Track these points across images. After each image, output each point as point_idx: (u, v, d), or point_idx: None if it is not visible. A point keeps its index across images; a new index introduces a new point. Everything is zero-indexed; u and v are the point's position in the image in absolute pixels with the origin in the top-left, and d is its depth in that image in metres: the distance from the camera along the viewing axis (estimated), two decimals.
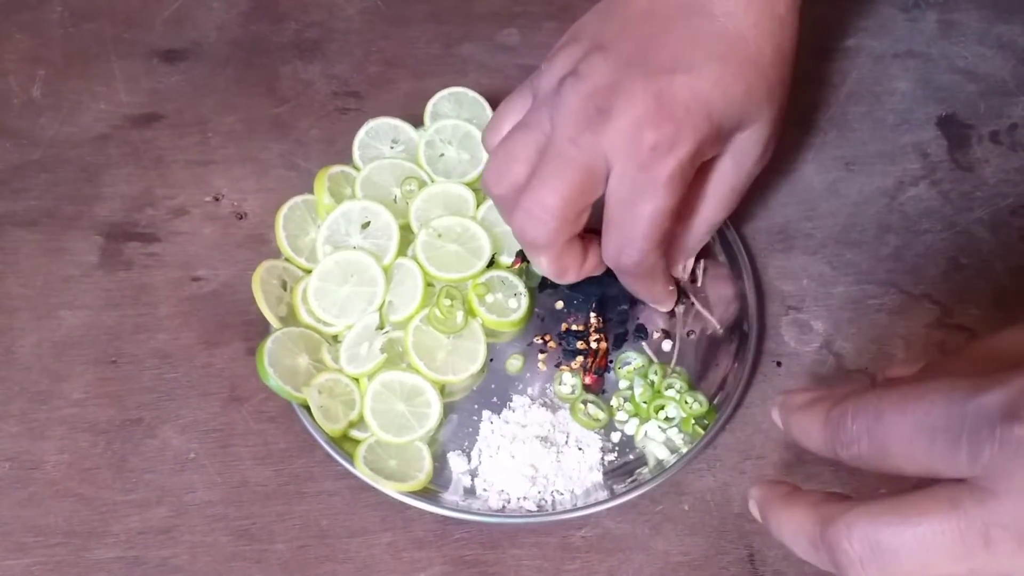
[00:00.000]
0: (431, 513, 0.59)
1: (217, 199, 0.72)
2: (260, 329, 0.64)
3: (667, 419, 0.62)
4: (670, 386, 0.63)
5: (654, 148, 0.54)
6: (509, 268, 0.67)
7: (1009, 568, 0.36)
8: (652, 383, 0.63)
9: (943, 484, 0.37)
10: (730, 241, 0.68)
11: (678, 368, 0.64)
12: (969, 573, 0.37)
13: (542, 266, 0.60)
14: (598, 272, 0.62)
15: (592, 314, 0.66)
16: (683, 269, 0.66)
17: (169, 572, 0.59)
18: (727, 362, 0.65)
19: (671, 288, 0.64)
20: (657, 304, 0.65)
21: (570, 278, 0.61)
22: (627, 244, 0.57)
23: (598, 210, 0.58)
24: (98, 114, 0.76)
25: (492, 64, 0.79)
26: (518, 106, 0.60)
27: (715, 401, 0.63)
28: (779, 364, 0.65)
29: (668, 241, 0.58)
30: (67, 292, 0.68)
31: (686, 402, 0.62)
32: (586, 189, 0.56)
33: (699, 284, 0.67)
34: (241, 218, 0.71)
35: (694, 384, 0.64)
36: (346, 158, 0.70)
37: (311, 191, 0.68)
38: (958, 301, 0.67)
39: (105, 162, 0.74)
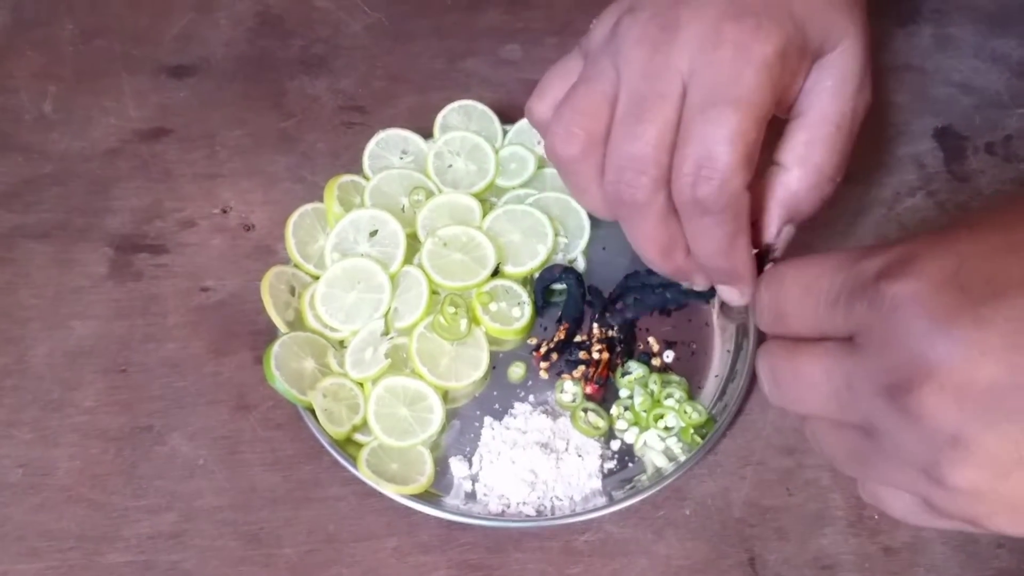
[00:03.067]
0: (436, 518, 0.60)
1: (225, 211, 0.73)
2: (267, 338, 0.65)
3: (666, 428, 0.63)
4: (669, 396, 0.64)
5: (736, 43, 0.47)
6: (511, 277, 0.68)
7: (867, 414, 0.38)
8: (652, 392, 0.64)
9: (832, 339, 0.40)
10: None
11: (677, 378, 0.65)
12: (838, 413, 0.40)
13: (647, 235, 0.52)
14: (705, 282, 0.56)
15: (595, 325, 0.67)
16: (779, 235, 0.55)
17: None
18: (728, 369, 0.66)
19: (752, 260, 0.53)
20: (732, 282, 0.54)
21: (677, 258, 0.53)
22: (707, 161, 0.47)
23: None
24: (108, 129, 0.78)
25: (495, 79, 0.80)
26: (567, 68, 0.54)
27: (715, 408, 0.64)
28: None
29: (752, 164, 0.48)
30: (78, 302, 0.69)
31: (685, 412, 0.63)
32: (672, 121, 0.48)
33: (716, 319, 0.66)
34: (248, 230, 0.72)
35: (693, 393, 0.65)
36: (351, 171, 0.71)
37: (318, 203, 0.69)
38: None
39: (115, 175, 0.75)
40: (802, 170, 0.53)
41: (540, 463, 0.62)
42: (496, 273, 0.68)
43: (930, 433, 0.36)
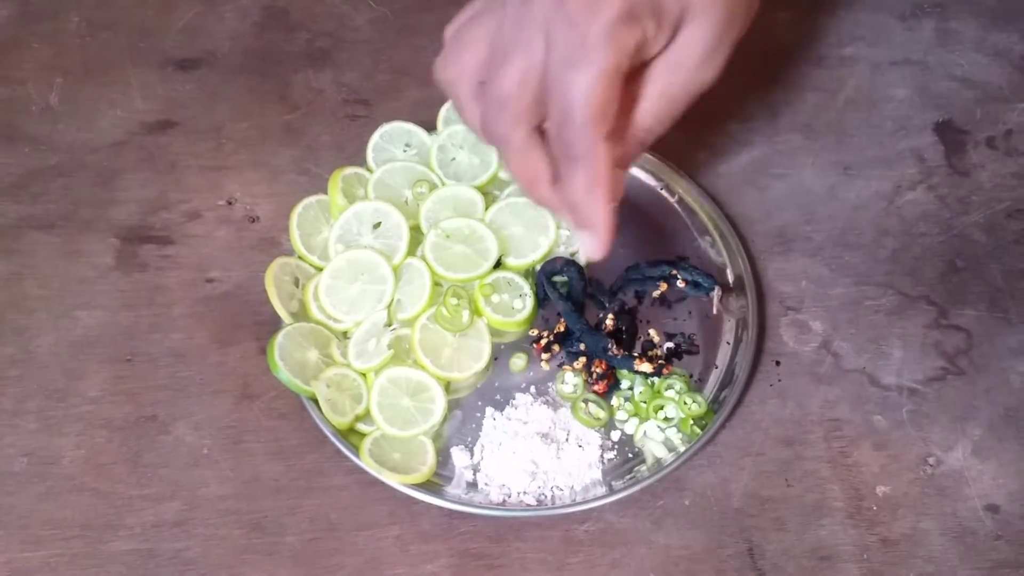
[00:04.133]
0: (438, 507, 0.61)
1: (230, 203, 0.74)
2: (271, 329, 0.65)
3: (666, 419, 0.64)
4: (670, 387, 0.64)
5: (582, 4, 0.50)
6: (513, 268, 0.68)
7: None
8: (652, 384, 0.65)
9: None
10: (730, 243, 0.69)
11: (678, 370, 0.66)
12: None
13: (513, 164, 0.56)
14: (570, 212, 0.56)
15: (609, 316, 0.67)
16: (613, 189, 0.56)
17: (182, 564, 0.60)
18: (727, 361, 0.66)
19: (608, 212, 0.55)
20: (591, 227, 0.55)
21: (542, 190, 0.56)
22: (565, 117, 0.51)
23: None
24: (114, 121, 0.78)
25: None
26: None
27: (716, 399, 0.64)
28: (778, 363, 0.67)
29: (607, 118, 0.52)
30: (84, 293, 0.70)
31: (685, 403, 0.63)
32: (531, 63, 0.52)
33: (716, 312, 0.68)
34: (253, 221, 0.73)
35: (693, 385, 0.65)
36: (355, 163, 0.72)
37: (322, 195, 0.70)
38: (954, 302, 0.69)
39: (121, 167, 0.76)
40: (635, 125, 0.56)
41: (541, 453, 0.62)
42: (498, 265, 0.68)
43: None
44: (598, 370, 0.65)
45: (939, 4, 0.82)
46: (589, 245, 0.56)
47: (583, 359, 0.65)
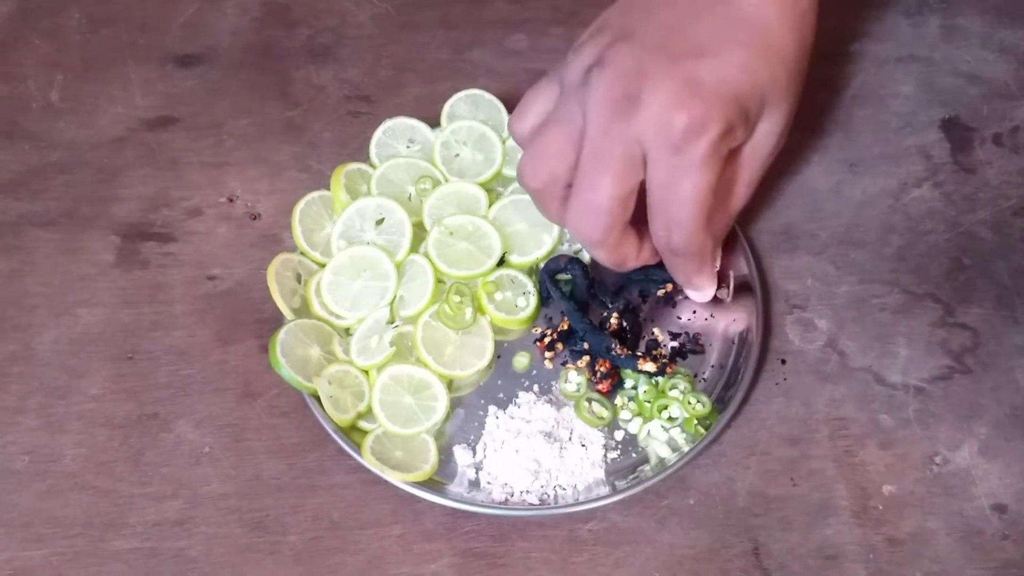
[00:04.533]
0: (441, 506, 0.60)
1: (231, 200, 0.74)
2: (273, 327, 0.65)
3: (670, 419, 0.63)
4: (674, 386, 0.64)
5: (686, 130, 0.55)
6: (516, 266, 0.68)
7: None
8: (656, 383, 0.64)
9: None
10: (736, 240, 0.69)
11: (682, 369, 0.65)
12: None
13: (601, 259, 0.62)
14: (653, 260, 0.64)
15: (613, 315, 0.66)
16: (715, 261, 0.65)
17: (184, 563, 0.60)
18: (732, 359, 0.66)
19: (715, 272, 0.65)
20: (701, 289, 0.65)
21: (630, 266, 0.63)
22: (675, 226, 0.58)
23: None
24: (115, 117, 0.78)
25: (501, 69, 0.80)
26: (545, 94, 0.61)
27: (720, 398, 0.64)
28: (783, 362, 0.66)
29: (709, 219, 0.59)
30: (84, 290, 0.70)
31: (689, 402, 0.63)
32: (628, 178, 0.57)
33: (728, 297, 0.68)
34: (255, 218, 0.73)
35: (698, 384, 0.65)
36: (357, 160, 0.71)
37: (325, 191, 0.69)
38: (960, 300, 0.68)
39: (122, 164, 0.75)
40: (720, 215, 0.63)
41: (544, 452, 0.62)
42: (502, 262, 0.68)
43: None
44: (602, 369, 0.64)
45: (945, 0, 0.82)
46: (697, 295, 0.66)
47: (586, 358, 0.65)
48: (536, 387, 0.65)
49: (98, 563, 0.60)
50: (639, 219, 0.60)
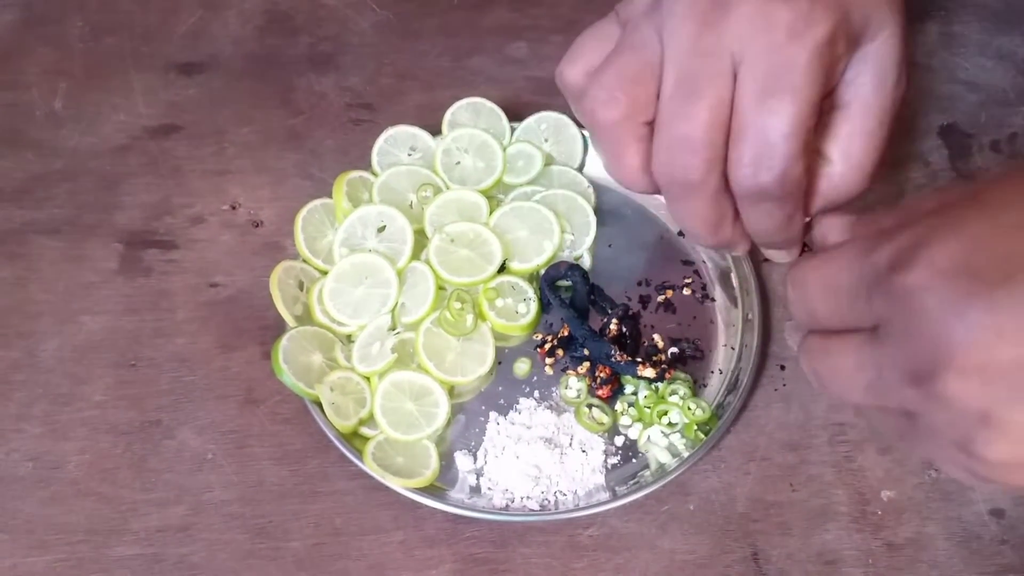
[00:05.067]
0: (442, 512, 0.61)
1: (234, 208, 0.74)
2: (275, 334, 0.65)
3: (670, 424, 0.64)
4: (674, 392, 0.64)
5: (790, 27, 0.46)
6: (517, 272, 0.68)
7: (900, 401, 0.39)
8: (656, 388, 0.65)
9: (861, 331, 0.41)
10: None
11: (682, 375, 0.66)
12: (877, 400, 0.41)
13: (697, 213, 0.51)
14: (746, 243, 0.55)
15: (613, 321, 0.67)
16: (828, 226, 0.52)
17: (187, 569, 0.60)
18: (732, 365, 0.66)
19: (802, 230, 0.54)
20: (786, 245, 0.55)
21: (726, 232, 0.53)
22: (767, 151, 0.47)
23: None
24: (118, 125, 0.78)
25: (501, 76, 0.80)
26: (604, 33, 0.53)
27: (720, 404, 0.64)
28: (783, 368, 0.67)
29: (808, 147, 0.49)
30: (88, 298, 0.70)
31: (689, 408, 0.63)
32: (724, 101, 0.48)
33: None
34: (257, 226, 0.73)
35: (697, 390, 0.65)
36: (359, 168, 0.72)
37: (327, 199, 0.70)
38: None
39: (125, 172, 0.76)
40: (845, 164, 0.52)
41: (544, 458, 0.62)
42: (502, 269, 0.68)
43: (960, 415, 0.37)
44: (602, 375, 0.65)
45: (943, 7, 0.82)
46: (778, 255, 0.56)
47: (587, 364, 0.65)
48: (537, 393, 0.65)
49: (101, 569, 0.60)
50: None
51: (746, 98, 0.47)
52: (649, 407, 0.64)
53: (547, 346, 0.66)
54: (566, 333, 0.67)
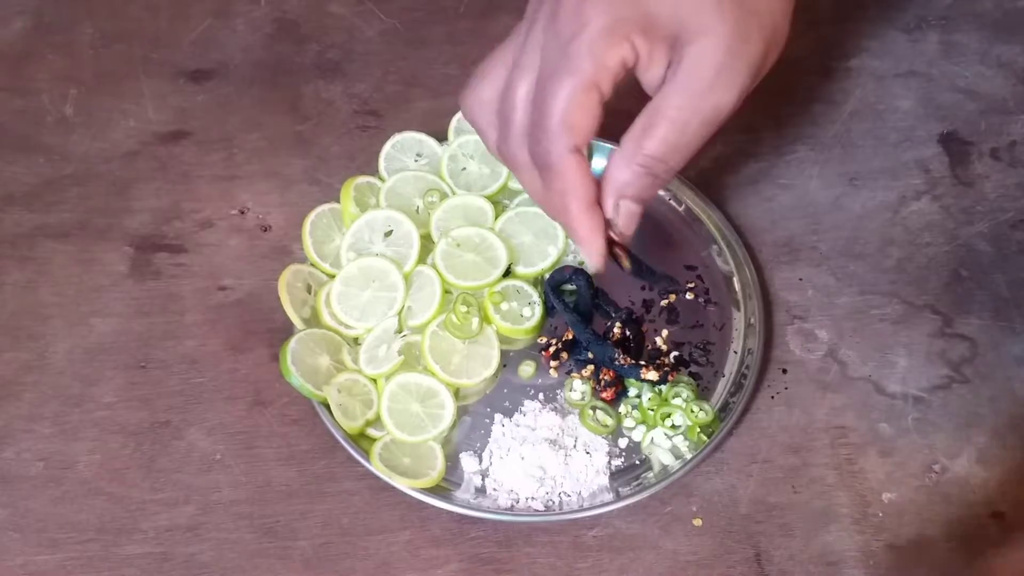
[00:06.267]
0: (448, 512, 0.61)
1: (242, 212, 0.75)
2: (283, 336, 0.66)
3: (673, 427, 0.64)
4: (677, 395, 0.65)
5: (567, 20, 0.50)
6: (522, 276, 0.69)
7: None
8: (660, 391, 0.65)
9: None
10: (737, 252, 0.70)
11: (686, 378, 0.66)
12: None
13: (522, 183, 0.56)
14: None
15: (616, 325, 0.67)
16: (613, 209, 0.54)
17: (195, 568, 0.61)
18: (734, 369, 0.67)
19: (591, 225, 0.54)
20: (578, 241, 0.55)
21: (554, 205, 0.55)
22: (541, 122, 0.51)
23: None
24: (128, 131, 0.79)
25: None
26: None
27: (723, 406, 0.65)
28: (785, 371, 0.67)
29: (576, 133, 0.51)
30: (98, 300, 0.71)
31: (692, 411, 0.64)
32: (532, 87, 0.52)
33: (627, 267, 0.59)
34: (265, 230, 0.74)
35: (700, 393, 0.66)
36: (366, 174, 0.72)
37: (335, 203, 0.71)
38: (959, 311, 0.69)
39: (134, 177, 0.77)
40: (628, 149, 0.52)
41: (549, 459, 0.63)
42: (507, 274, 0.69)
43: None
44: (606, 378, 0.65)
45: (944, 16, 0.83)
46: (586, 257, 0.56)
47: (591, 367, 0.66)
48: (541, 395, 0.66)
49: (111, 568, 0.61)
50: None
51: (539, 80, 0.52)
52: (652, 409, 0.64)
53: (552, 349, 0.67)
54: (570, 337, 0.67)
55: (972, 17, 0.83)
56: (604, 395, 0.65)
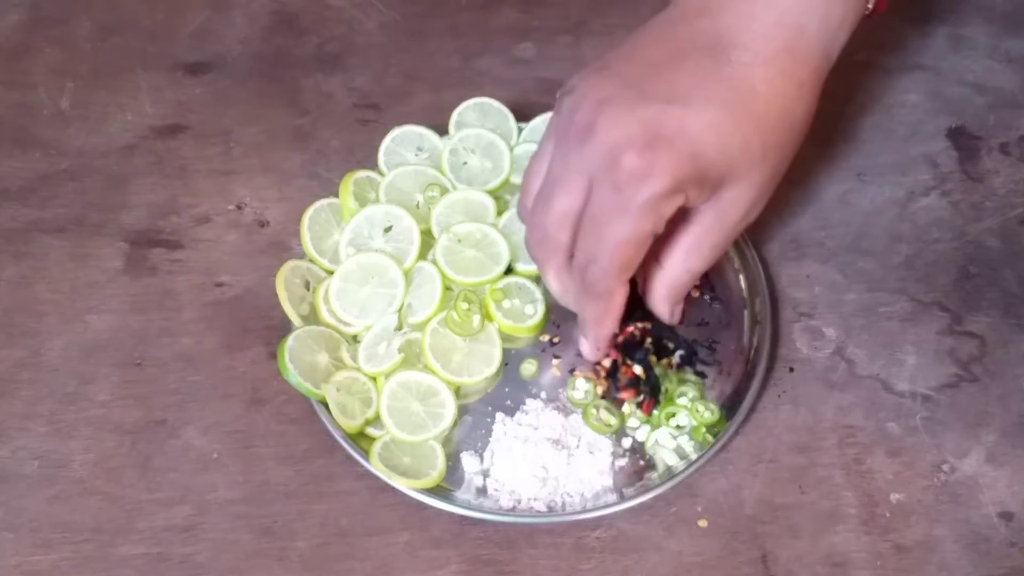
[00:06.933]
0: (448, 513, 0.60)
1: (240, 207, 0.74)
2: (281, 334, 0.65)
3: (678, 427, 0.63)
4: (683, 394, 0.64)
5: (631, 173, 0.52)
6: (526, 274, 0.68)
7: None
8: (665, 390, 0.64)
9: None
10: (743, 249, 0.69)
11: (693, 377, 0.65)
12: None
13: (548, 281, 0.61)
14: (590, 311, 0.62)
15: (648, 337, 0.66)
16: (669, 313, 0.63)
17: (192, 568, 0.60)
18: (741, 367, 0.66)
19: (612, 332, 0.62)
20: (589, 336, 0.62)
21: (571, 301, 0.62)
22: (593, 260, 0.56)
23: None
24: (124, 125, 0.78)
25: (508, 77, 0.80)
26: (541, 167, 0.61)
27: (729, 405, 0.64)
28: (792, 370, 0.66)
29: (630, 270, 0.57)
30: (94, 297, 0.70)
31: (697, 410, 0.63)
32: (573, 206, 0.56)
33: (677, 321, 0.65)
34: (263, 226, 0.73)
35: (705, 392, 0.65)
36: (365, 168, 0.72)
37: (333, 198, 0.70)
38: (968, 309, 0.68)
39: (131, 171, 0.76)
40: (677, 271, 0.60)
41: (551, 459, 0.62)
42: (509, 270, 0.68)
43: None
44: (625, 377, 0.64)
45: (952, 10, 0.82)
46: (584, 347, 0.63)
47: (607, 365, 0.65)
48: (544, 394, 0.65)
49: (106, 568, 0.60)
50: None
51: (589, 216, 0.56)
52: (657, 409, 0.64)
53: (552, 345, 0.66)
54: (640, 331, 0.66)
55: (981, 11, 0.82)
56: (623, 395, 0.64)
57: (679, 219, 0.57)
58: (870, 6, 0.62)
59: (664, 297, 0.62)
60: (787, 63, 0.56)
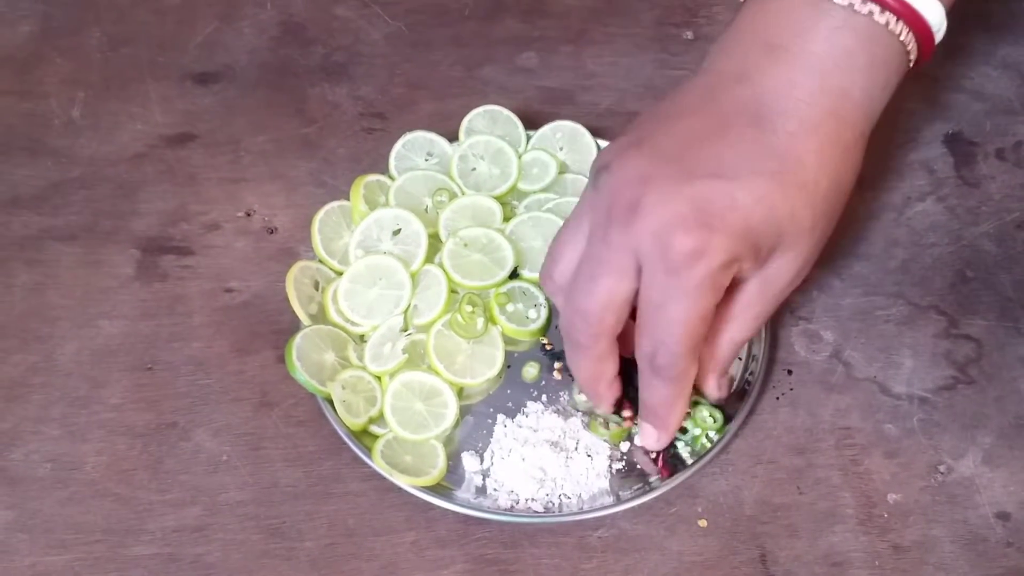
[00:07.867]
0: (453, 513, 0.61)
1: (248, 214, 0.75)
2: (289, 337, 0.66)
3: (683, 430, 0.64)
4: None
5: (685, 254, 0.51)
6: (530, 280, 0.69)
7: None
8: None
9: None
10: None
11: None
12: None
13: (579, 367, 0.59)
14: (614, 397, 0.62)
15: None
16: (716, 387, 0.62)
17: (202, 569, 0.61)
18: (740, 371, 0.67)
19: (682, 417, 0.61)
20: (660, 428, 0.60)
21: (600, 390, 0.60)
22: (660, 346, 0.54)
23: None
24: (135, 134, 0.79)
25: (511, 86, 0.81)
26: (575, 237, 0.59)
27: (727, 408, 0.65)
28: (790, 372, 0.67)
29: (699, 347, 0.56)
30: (105, 302, 0.71)
31: (701, 417, 0.64)
32: (620, 289, 0.54)
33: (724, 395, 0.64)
34: (272, 232, 0.74)
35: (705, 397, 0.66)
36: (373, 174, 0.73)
37: (344, 201, 0.71)
38: (964, 312, 0.69)
39: (141, 179, 0.77)
40: (722, 344, 0.59)
41: (550, 461, 0.63)
42: (514, 275, 0.69)
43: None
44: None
45: (949, 17, 0.83)
46: (650, 438, 0.61)
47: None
48: (544, 397, 0.66)
49: (118, 568, 0.61)
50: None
51: (646, 302, 0.54)
52: None
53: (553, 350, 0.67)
54: None
55: (977, 17, 0.83)
56: (627, 422, 0.64)
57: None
58: (912, 59, 0.59)
59: (709, 372, 0.60)
60: (832, 129, 0.55)
